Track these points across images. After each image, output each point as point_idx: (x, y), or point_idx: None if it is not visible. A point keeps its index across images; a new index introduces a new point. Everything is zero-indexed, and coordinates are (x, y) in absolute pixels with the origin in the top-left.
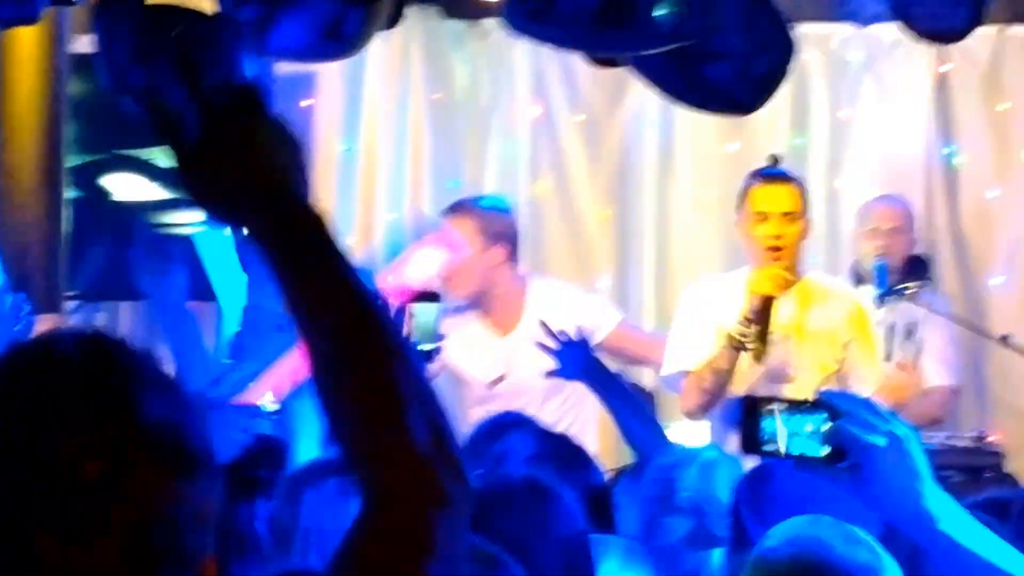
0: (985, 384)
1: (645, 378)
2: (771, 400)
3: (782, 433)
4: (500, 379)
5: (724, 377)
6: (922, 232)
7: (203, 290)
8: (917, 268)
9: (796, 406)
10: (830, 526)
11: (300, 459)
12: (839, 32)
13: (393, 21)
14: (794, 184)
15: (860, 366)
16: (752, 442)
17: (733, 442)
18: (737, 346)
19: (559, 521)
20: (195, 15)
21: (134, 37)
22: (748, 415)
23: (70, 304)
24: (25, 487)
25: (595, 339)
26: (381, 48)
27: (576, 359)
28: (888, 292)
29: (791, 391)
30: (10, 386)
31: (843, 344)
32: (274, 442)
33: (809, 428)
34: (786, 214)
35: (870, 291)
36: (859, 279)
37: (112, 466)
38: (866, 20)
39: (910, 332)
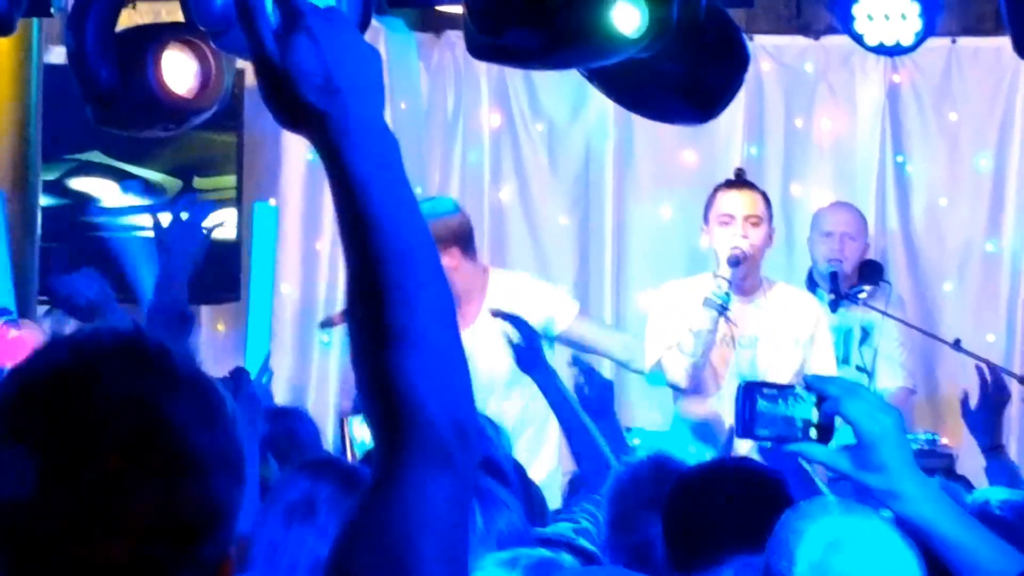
0: (938, 387)
1: (605, 370)
2: (764, 385)
3: (775, 417)
4: None
5: (706, 339)
6: (875, 238)
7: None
8: (870, 273)
9: (786, 390)
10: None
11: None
12: (793, 44)
13: (360, 32)
14: (758, 191)
15: (817, 367)
16: (747, 427)
17: None
18: (714, 306)
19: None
20: None
21: (106, 46)
22: (743, 401)
23: (41, 309)
24: (48, 481)
25: (555, 329)
26: None
27: (523, 353)
28: (842, 297)
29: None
30: (42, 388)
31: (804, 346)
32: None
33: (800, 411)
34: (749, 217)
35: (825, 296)
36: (814, 284)
37: (132, 462)
38: (819, 32)
39: (866, 335)
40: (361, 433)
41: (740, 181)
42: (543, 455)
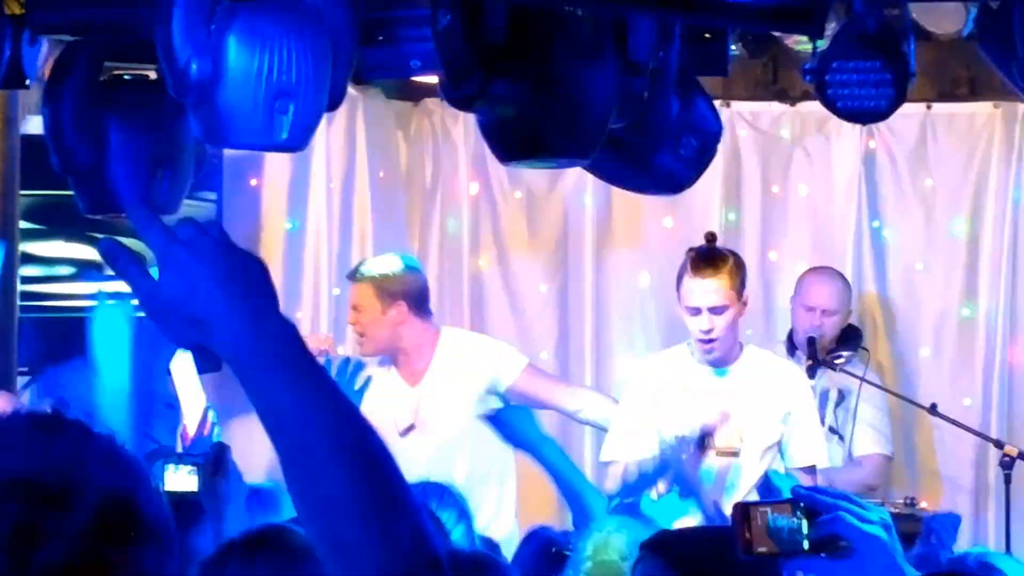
0: (915, 451)
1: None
2: (758, 505)
3: (773, 532)
4: (410, 428)
5: (652, 471)
6: (852, 303)
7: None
8: (849, 339)
9: (779, 508)
10: None
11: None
12: (769, 110)
13: (336, 102)
14: (724, 272)
15: (800, 438)
16: (748, 546)
17: None
18: (668, 455)
19: None
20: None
21: (81, 117)
22: (740, 521)
23: (22, 380)
24: None
25: (502, 385)
26: (326, 128)
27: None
28: (819, 363)
29: (736, 462)
30: None
31: (783, 415)
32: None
33: (793, 526)
34: (714, 308)
35: (802, 360)
36: (793, 347)
37: (65, 541)
38: (795, 99)
39: (842, 399)
40: (176, 482)
41: (705, 260)
42: (503, 512)
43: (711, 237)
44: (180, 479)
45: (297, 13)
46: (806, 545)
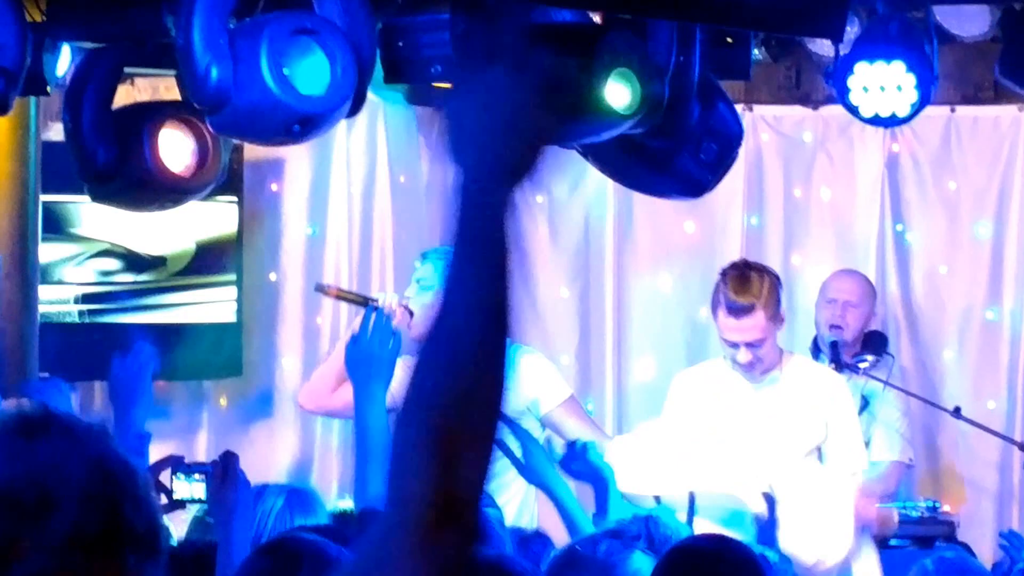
0: (939, 455)
1: None
2: None
3: None
4: None
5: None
6: (876, 307)
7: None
8: (873, 343)
9: None
10: None
11: None
12: (792, 114)
13: (357, 107)
14: (758, 310)
15: (841, 444)
16: None
17: None
18: None
19: None
20: None
21: (103, 124)
22: None
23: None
24: None
25: (540, 409)
26: (347, 134)
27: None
28: (843, 366)
29: (774, 468)
30: None
31: (824, 423)
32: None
33: None
34: (750, 344)
35: (826, 364)
36: (818, 351)
37: (45, 553)
38: (818, 103)
39: (866, 404)
40: (184, 491)
41: (738, 297)
42: (522, 520)
43: (743, 264)
44: (188, 488)
45: (315, 20)
46: None
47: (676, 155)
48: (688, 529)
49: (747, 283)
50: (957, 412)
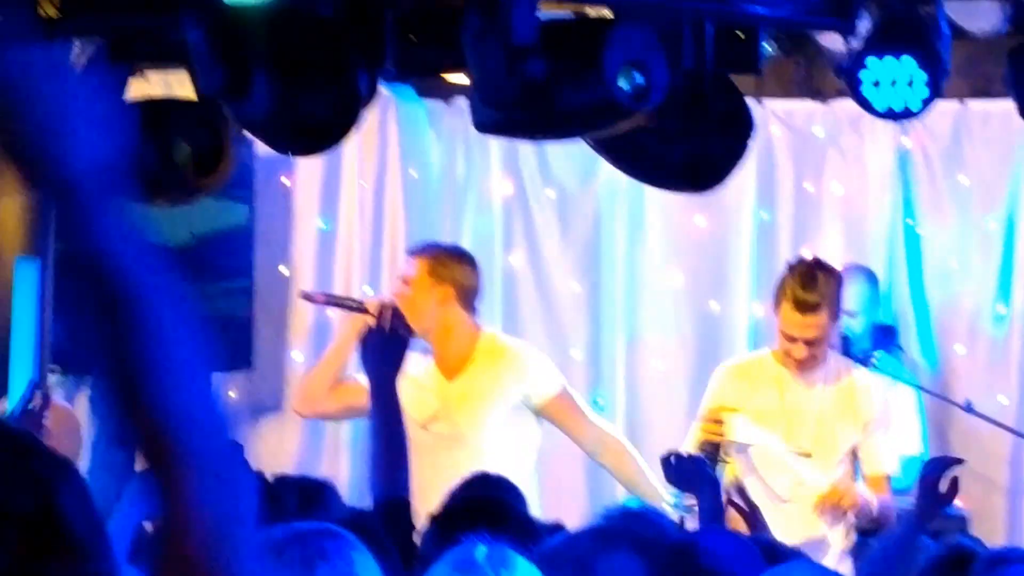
0: (950, 449)
1: None
2: None
3: None
4: (432, 420)
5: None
6: (887, 301)
7: None
8: (885, 337)
9: None
10: None
11: None
12: (803, 108)
13: (368, 100)
14: (824, 308)
15: (875, 446)
16: None
17: None
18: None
19: None
20: None
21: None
22: None
23: (52, 377)
24: None
25: (533, 403)
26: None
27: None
28: (855, 361)
29: (809, 465)
30: None
31: (863, 424)
32: None
33: None
34: (810, 341)
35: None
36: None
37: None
38: (828, 96)
39: None
40: None
41: (808, 293)
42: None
43: (812, 261)
44: None
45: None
46: None
47: (687, 148)
48: (675, 528)
49: (815, 281)
50: (969, 407)
